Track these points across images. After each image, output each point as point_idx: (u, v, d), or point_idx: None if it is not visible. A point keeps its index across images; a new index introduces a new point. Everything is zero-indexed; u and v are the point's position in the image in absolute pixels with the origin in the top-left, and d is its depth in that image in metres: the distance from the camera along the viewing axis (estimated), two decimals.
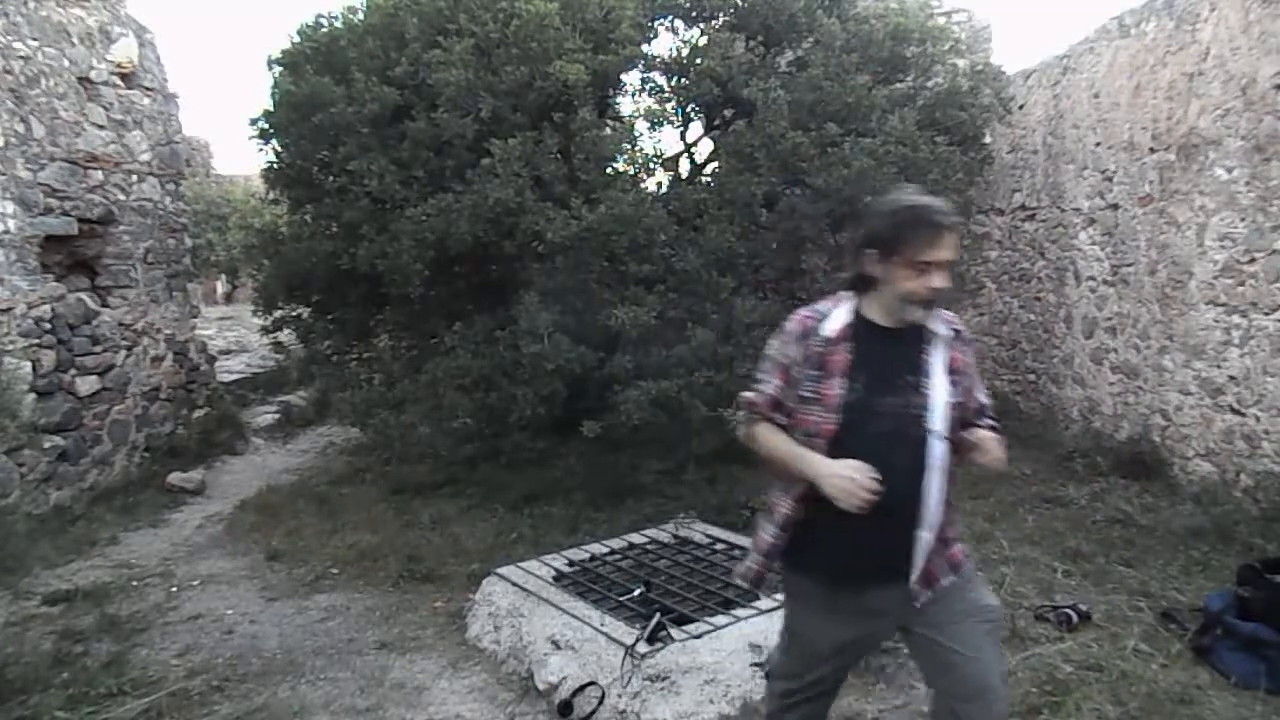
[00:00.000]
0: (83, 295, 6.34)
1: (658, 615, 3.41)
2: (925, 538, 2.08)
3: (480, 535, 5.19)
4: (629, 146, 5.50)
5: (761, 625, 3.47)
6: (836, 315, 2.14)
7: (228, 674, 3.66)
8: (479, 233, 5.17)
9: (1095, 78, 5.96)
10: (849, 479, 1.97)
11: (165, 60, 7.48)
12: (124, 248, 6.83)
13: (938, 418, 2.07)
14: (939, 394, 2.08)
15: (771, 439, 2.17)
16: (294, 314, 6.84)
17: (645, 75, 5.84)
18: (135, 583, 4.79)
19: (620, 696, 3.14)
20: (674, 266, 5.16)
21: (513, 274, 5.70)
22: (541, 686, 3.38)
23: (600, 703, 3.16)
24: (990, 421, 2.22)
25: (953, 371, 2.13)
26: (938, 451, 2.06)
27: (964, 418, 2.15)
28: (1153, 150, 5.32)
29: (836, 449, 2.05)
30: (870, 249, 2.10)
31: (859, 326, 2.12)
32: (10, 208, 5.58)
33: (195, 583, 4.79)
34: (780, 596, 3.70)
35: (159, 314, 7.26)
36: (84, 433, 6.19)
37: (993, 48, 7.86)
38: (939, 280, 2.05)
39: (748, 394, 2.24)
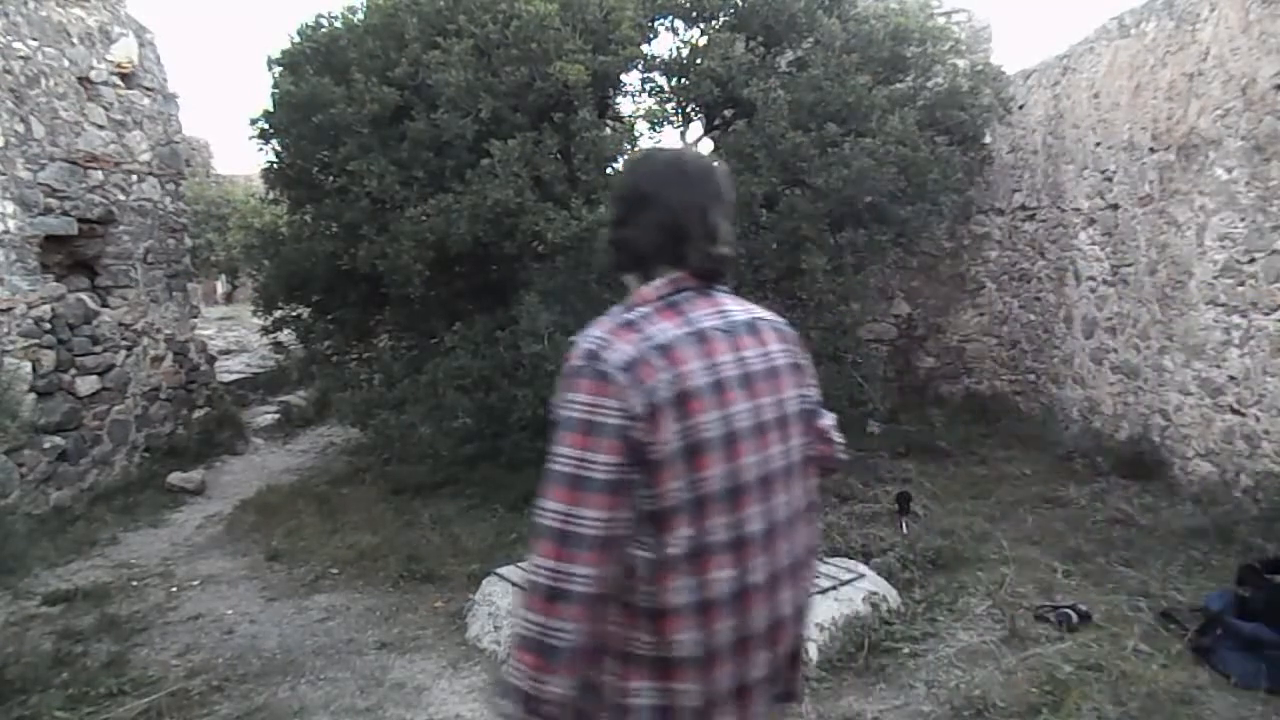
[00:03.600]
0: (83, 295, 6.34)
1: None
2: None
3: (480, 535, 5.19)
4: (629, 147, 5.50)
5: None
6: None
7: (228, 674, 3.66)
8: (479, 233, 5.17)
9: (1095, 78, 5.96)
10: None
11: (165, 60, 7.49)
12: (124, 248, 6.83)
13: None
14: None
15: None
16: (294, 314, 6.84)
17: (645, 75, 5.85)
18: (135, 583, 4.79)
19: None
20: None
21: (513, 274, 5.70)
22: None
23: None
24: None
25: None
26: None
27: None
28: (1153, 150, 5.32)
29: None
30: None
31: None
32: (10, 208, 5.58)
33: (195, 583, 4.79)
34: None
35: (159, 314, 7.26)
36: (84, 433, 6.19)
37: (993, 48, 7.86)
38: None
39: None
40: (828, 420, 1.72)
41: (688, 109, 6.07)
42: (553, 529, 1.33)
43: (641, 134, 5.61)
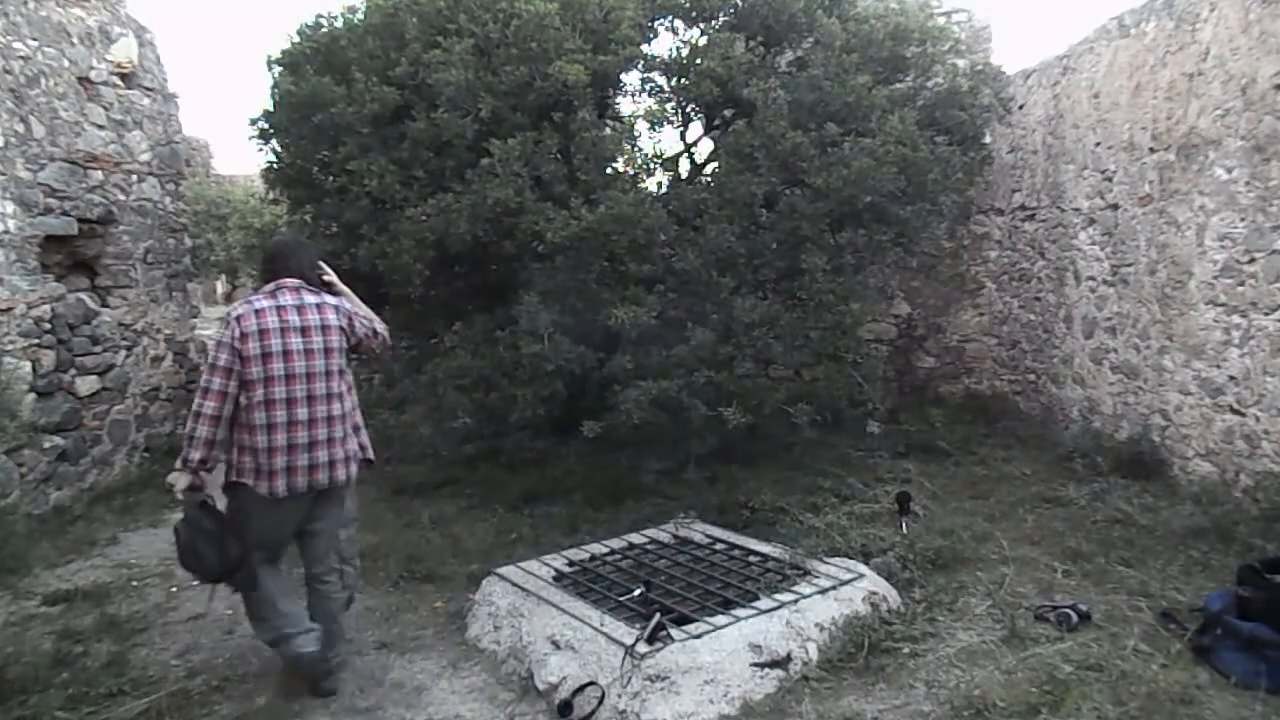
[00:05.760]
0: (83, 295, 6.34)
1: (658, 615, 3.41)
2: None
3: (480, 535, 5.19)
4: (629, 147, 5.50)
5: (761, 625, 3.47)
6: None
7: (228, 674, 3.66)
8: (479, 233, 5.17)
9: (1095, 78, 5.96)
10: None
11: (165, 60, 7.49)
12: (124, 248, 6.83)
13: None
14: None
15: None
16: None
17: (645, 75, 5.83)
18: (135, 583, 4.79)
19: (620, 696, 3.14)
20: (674, 266, 5.16)
21: (513, 274, 5.70)
22: (541, 686, 3.38)
23: (600, 703, 3.16)
24: None
25: None
26: None
27: None
28: (1153, 150, 5.32)
29: None
30: None
31: None
32: (10, 208, 5.58)
33: (195, 583, 4.76)
34: (780, 597, 3.73)
35: (159, 314, 7.26)
36: (84, 433, 6.19)
37: (993, 48, 7.86)
38: None
39: None
40: (378, 340, 3.68)
41: (687, 109, 6.06)
42: (201, 385, 3.23)
43: (641, 134, 5.61)
